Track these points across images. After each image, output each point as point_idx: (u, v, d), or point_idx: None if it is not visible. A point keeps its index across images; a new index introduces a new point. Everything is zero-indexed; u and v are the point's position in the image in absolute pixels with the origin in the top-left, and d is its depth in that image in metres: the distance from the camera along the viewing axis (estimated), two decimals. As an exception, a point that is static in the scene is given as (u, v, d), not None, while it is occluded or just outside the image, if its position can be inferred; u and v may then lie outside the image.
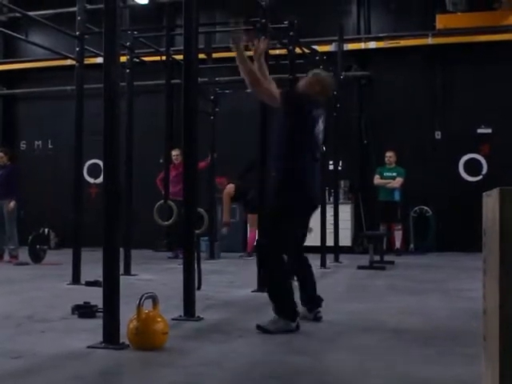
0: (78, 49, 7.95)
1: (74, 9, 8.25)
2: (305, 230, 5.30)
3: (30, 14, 9.42)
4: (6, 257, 11.14)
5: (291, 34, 7.74)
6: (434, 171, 13.50)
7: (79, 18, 7.96)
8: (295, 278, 5.32)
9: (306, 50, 9.57)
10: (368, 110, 14.24)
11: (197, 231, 5.77)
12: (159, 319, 4.17)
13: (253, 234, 11.99)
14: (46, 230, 14.55)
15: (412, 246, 13.55)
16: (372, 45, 14.18)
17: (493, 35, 13.32)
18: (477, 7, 13.36)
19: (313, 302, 5.26)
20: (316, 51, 10.48)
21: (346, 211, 13.06)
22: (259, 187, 7.28)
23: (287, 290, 4.84)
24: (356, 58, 14.17)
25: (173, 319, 4.93)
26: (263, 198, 7.06)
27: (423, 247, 13.34)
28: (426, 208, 13.68)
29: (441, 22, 13.62)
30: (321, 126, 5.06)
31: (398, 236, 12.93)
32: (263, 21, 6.95)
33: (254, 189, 9.59)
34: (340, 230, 11.40)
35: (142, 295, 4.15)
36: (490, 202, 2.62)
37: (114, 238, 4.28)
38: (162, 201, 8.62)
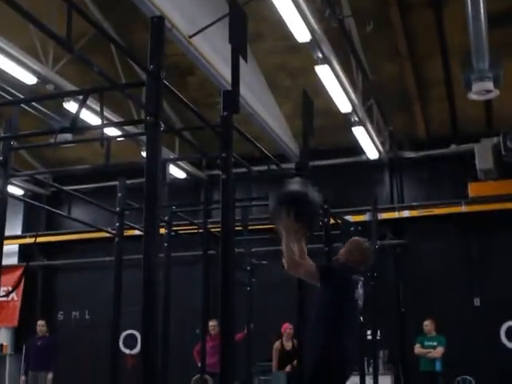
0: (117, 224, 8.16)
1: (115, 183, 8.55)
2: None
3: (72, 188, 9.80)
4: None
5: (325, 207, 7.90)
6: (474, 339, 13.21)
7: (119, 194, 8.23)
8: None
9: (340, 221, 9.71)
10: (405, 278, 14.21)
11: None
12: None
13: None
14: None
15: (457, 418, 13.05)
16: (406, 213, 14.39)
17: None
18: (507, 175, 13.60)
19: None
20: (349, 222, 10.63)
21: (386, 382, 12.69)
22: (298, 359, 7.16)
23: None
24: (390, 226, 14.34)
25: None
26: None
27: (468, 419, 12.84)
28: (469, 378, 13.27)
29: (473, 190, 13.85)
30: (360, 290, 5.10)
31: (442, 407, 12.48)
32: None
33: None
34: (381, 403, 11.06)
35: None
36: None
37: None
38: (198, 375, 8.49)
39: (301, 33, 8.94)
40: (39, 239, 16.24)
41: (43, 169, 15.69)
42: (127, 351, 14.86)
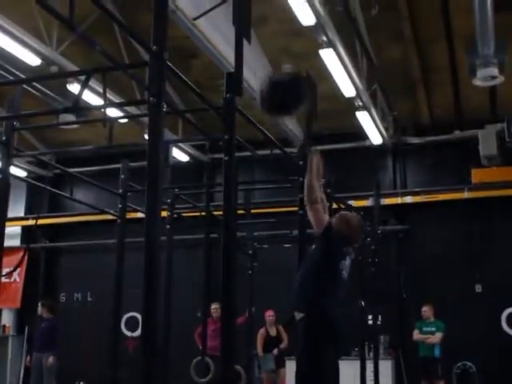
0: (120, 206, 8.16)
1: (117, 166, 8.55)
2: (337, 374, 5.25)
3: (75, 170, 9.80)
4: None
5: (328, 191, 7.89)
6: (475, 326, 13.22)
7: (122, 176, 8.23)
8: None
9: (343, 206, 9.70)
10: (406, 263, 14.21)
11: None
12: None
13: None
14: (82, 383, 14.39)
15: (457, 404, 13.09)
16: (408, 199, 14.37)
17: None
18: (511, 161, 13.58)
19: None
20: (351, 206, 10.62)
21: (386, 367, 12.71)
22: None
23: None
24: (393, 211, 14.32)
25: None
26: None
27: (468, 405, 12.88)
28: (469, 364, 13.30)
29: (476, 176, 13.82)
30: (347, 262, 5.16)
31: (441, 393, 12.51)
32: (301, 179, 7.11)
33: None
34: (381, 387, 11.08)
35: None
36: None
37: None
38: (199, 357, 8.52)
39: (305, 16, 8.89)
40: (42, 221, 16.24)
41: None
42: (129, 334, 14.91)
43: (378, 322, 11.91)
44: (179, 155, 14.77)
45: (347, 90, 11.40)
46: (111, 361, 7.87)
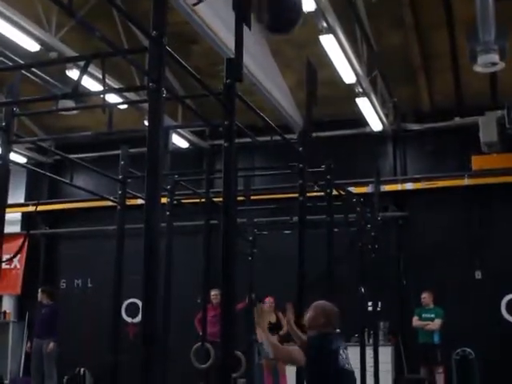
0: (120, 192, 8.14)
1: (117, 152, 8.53)
2: None
3: (75, 156, 9.78)
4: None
5: (328, 177, 7.87)
6: (475, 312, 13.25)
7: (122, 162, 8.20)
8: None
9: (343, 192, 9.69)
10: (406, 250, 14.22)
11: (234, 375, 5.70)
12: None
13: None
14: (82, 370, 14.42)
15: (456, 390, 13.13)
16: (409, 186, 14.38)
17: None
18: (511, 148, 13.57)
19: None
20: (352, 193, 10.61)
21: (386, 353, 12.74)
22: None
23: None
24: (393, 198, 14.32)
25: None
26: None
27: (467, 391, 12.92)
28: (468, 350, 13.33)
29: (476, 163, 13.82)
30: (344, 354, 5.14)
31: (440, 380, 12.53)
32: (301, 166, 7.10)
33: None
34: (380, 373, 11.09)
35: None
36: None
37: (151, 379, 4.22)
38: (199, 343, 8.53)
39: (306, 2, 8.84)
40: (42, 207, 16.26)
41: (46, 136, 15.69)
42: (129, 320, 14.94)
43: (378, 309, 11.93)
44: (179, 141, 14.75)
45: (347, 76, 11.38)
46: (111, 347, 7.88)
